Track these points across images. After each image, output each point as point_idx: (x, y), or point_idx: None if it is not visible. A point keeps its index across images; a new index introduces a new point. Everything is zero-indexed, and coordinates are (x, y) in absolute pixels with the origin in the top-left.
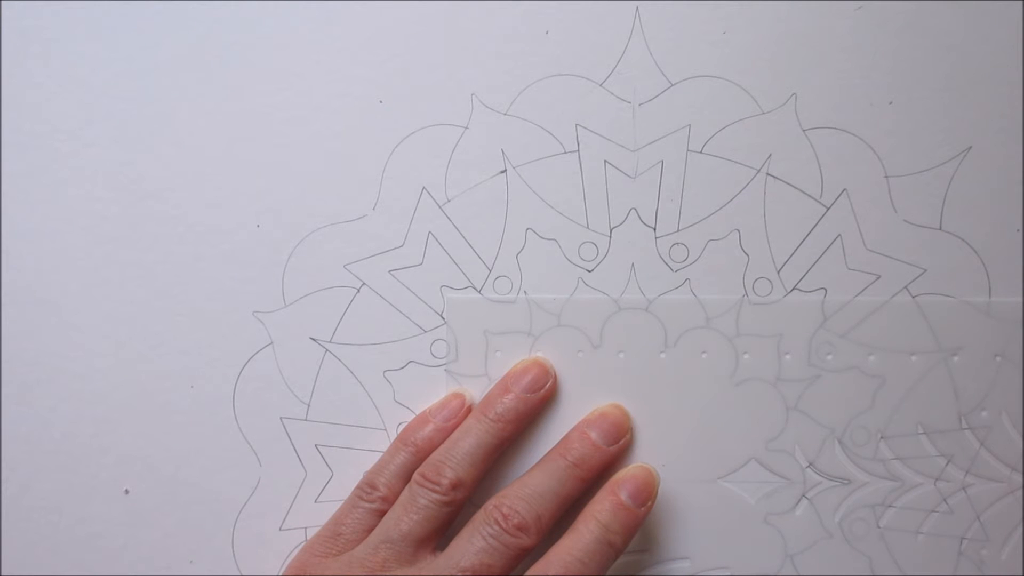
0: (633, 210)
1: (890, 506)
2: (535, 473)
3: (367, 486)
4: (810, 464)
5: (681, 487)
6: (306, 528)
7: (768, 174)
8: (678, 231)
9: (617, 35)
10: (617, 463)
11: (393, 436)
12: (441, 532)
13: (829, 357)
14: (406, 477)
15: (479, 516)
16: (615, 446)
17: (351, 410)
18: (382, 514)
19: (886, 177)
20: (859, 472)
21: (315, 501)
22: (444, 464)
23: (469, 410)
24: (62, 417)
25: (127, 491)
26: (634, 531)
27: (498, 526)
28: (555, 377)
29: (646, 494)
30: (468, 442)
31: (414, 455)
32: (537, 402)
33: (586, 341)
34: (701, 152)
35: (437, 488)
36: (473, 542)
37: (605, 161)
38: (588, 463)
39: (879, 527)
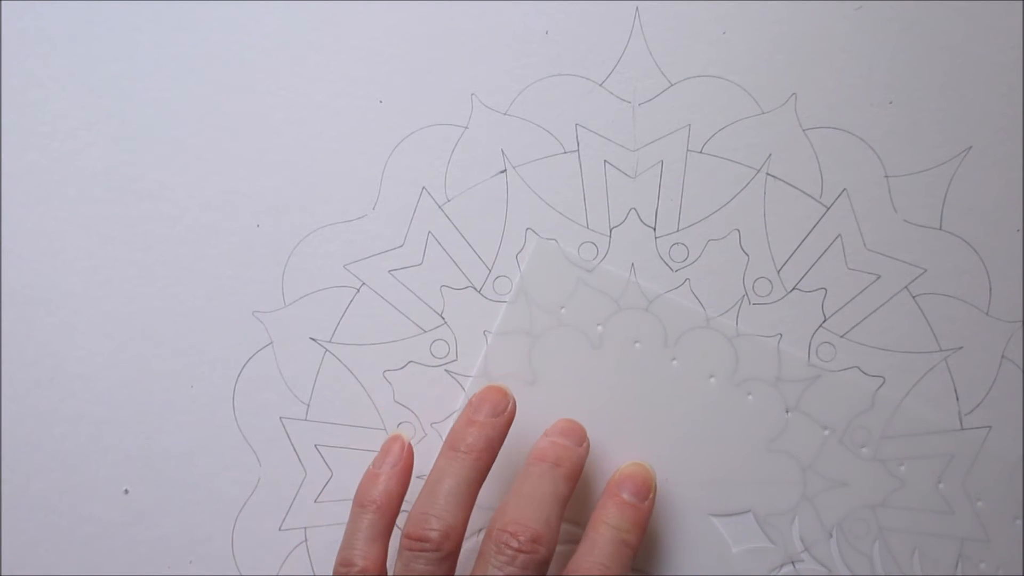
0: (633, 210)
1: (890, 506)
2: (525, 483)
3: (343, 565)
4: (806, 549)
5: (677, 497)
6: (305, 528)
7: (768, 174)
8: (678, 231)
9: (617, 35)
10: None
11: None
12: None
13: (829, 357)
14: (378, 539)
15: (488, 547)
16: (583, 446)
17: (351, 410)
18: None
19: (886, 177)
20: (859, 473)
21: (315, 501)
22: (427, 515)
23: (410, 449)
24: (62, 417)
25: (127, 491)
26: (644, 526)
27: (511, 549)
28: (513, 400)
29: (646, 489)
30: (447, 483)
31: (377, 513)
32: (503, 425)
33: (586, 341)
34: (701, 152)
35: (427, 546)
36: None
37: (605, 161)
38: (567, 462)
39: (879, 527)
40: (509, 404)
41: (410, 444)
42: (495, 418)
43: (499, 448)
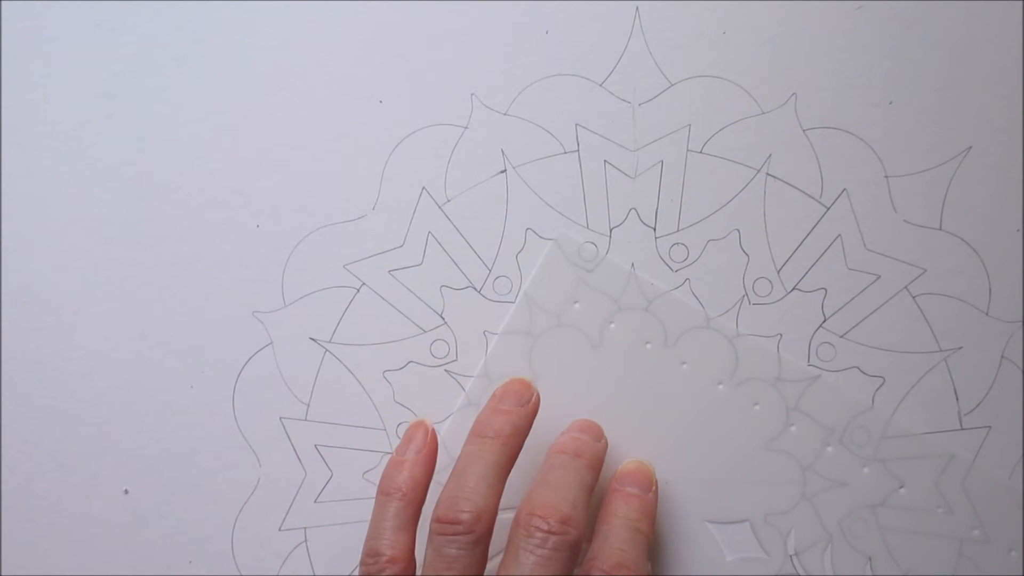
0: (633, 210)
1: (890, 506)
2: (549, 472)
3: (370, 556)
4: (796, 553)
5: (675, 500)
6: (305, 528)
7: (768, 174)
8: (678, 231)
9: (617, 35)
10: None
11: (393, 436)
12: (484, 567)
13: (829, 357)
14: (406, 527)
15: (517, 532)
16: (602, 442)
17: (351, 410)
18: None
19: (886, 177)
20: (859, 472)
21: (315, 501)
22: (457, 498)
23: (434, 435)
24: (62, 417)
25: (127, 491)
26: (652, 514)
27: (541, 532)
28: (537, 392)
29: (647, 481)
30: (476, 467)
31: (403, 501)
32: (528, 415)
33: (586, 341)
34: (701, 152)
35: (459, 528)
36: (522, 562)
37: (605, 161)
38: (587, 453)
39: (879, 527)
40: (533, 395)
41: (434, 430)
42: (520, 407)
43: (525, 436)
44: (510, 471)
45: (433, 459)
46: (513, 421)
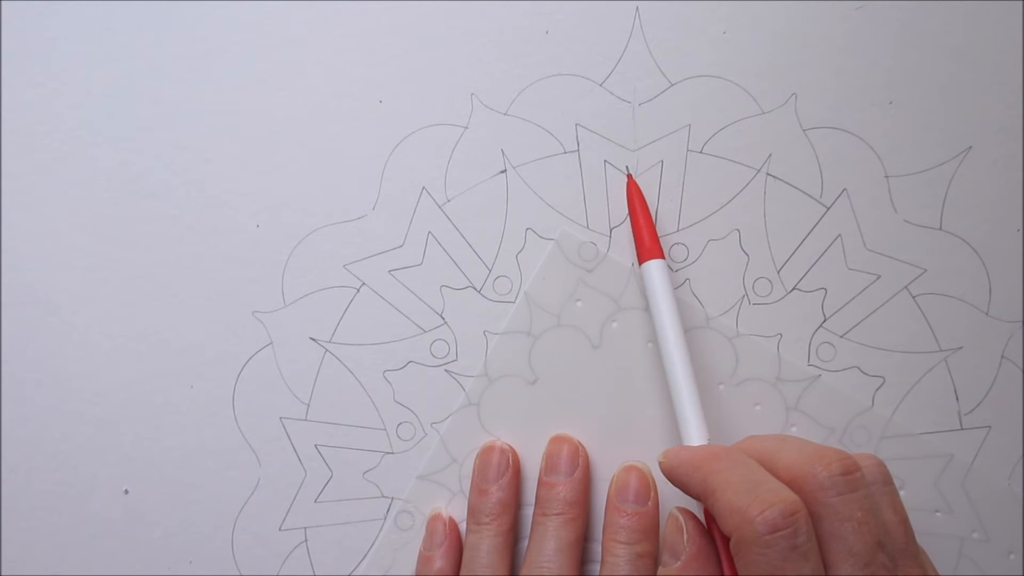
0: None
1: None
2: (533, 546)
3: None
4: None
5: (676, 499)
6: (305, 528)
7: (768, 174)
8: (678, 231)
9: (617, 35)
10: (587, 488)
11: (393, 436)
12: None
13: (829, 357)
14: None
15: None
16: (576, 472)
17: (351, 410)
18: None
19: (886, 177)
20: None
21: (315, 501)
22: None
23: (452, 521)
24: (62, 417)
25: (127, 491)
26: (655, 528)
27: None
28: (513, 453)
29: (645, 491)
30: (481, 555)
31: None
32: (510, 485)
33: (586, 341)
34: (701, 152)
35: None
36: None
37: (605, 161)
38: (564, 504)
39: None
40: (510, 460)
41: (451, 519)
42: (502, 478)
43: (517, 503)
44: (512, 539)
45: (458, 549)
46: (500, 498)
